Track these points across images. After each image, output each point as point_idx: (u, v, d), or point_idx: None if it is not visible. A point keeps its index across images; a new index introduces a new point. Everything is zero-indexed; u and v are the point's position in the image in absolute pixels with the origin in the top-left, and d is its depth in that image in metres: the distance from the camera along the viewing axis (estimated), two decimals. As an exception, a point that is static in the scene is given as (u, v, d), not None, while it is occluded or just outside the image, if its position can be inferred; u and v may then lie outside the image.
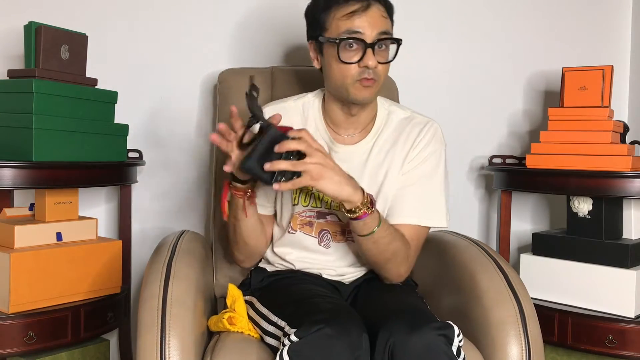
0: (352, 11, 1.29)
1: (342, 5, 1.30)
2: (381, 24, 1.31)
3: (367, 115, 1.43)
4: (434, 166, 1.42)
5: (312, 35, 1.38)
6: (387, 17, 1.33)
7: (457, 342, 1.16)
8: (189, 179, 2.08)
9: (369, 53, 1.29)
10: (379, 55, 1.31)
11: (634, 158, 1.76)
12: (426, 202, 1.40)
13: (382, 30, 1.30)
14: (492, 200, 2.21)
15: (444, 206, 1.42)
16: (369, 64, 1.29)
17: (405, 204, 1.39)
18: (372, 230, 1.27)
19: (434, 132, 1.44)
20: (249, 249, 1.45)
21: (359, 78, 1.31)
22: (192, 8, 2.04)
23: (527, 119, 2.20)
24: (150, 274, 1.31)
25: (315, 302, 1.23)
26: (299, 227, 1.43)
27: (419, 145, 1.42)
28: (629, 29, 2.23)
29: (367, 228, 1.27)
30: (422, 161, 1.41)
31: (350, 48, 1.30)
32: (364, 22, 1.29)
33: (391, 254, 1.34)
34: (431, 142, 1.42)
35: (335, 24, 1.31)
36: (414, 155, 1.41)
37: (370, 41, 1.29)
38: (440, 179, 1.42)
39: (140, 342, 1.19)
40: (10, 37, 1.94)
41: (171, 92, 2.05)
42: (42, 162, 1.61)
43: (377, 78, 1.33)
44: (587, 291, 1.79)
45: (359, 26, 1.29)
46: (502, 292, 1.36)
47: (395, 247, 1.33)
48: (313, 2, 1.38)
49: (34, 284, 1.62)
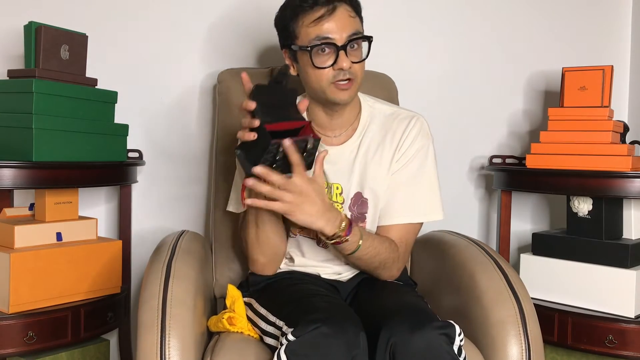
0: (318, 17, 1.30)
1: (309, 12, 1.30)
2: (350, 25, 1.31)
3: (350, 113, 1.44)
4: (422, 162, 1.42)
5: (284, 44, 1.39)
6: (354, 16, 1.34)
7: (458, 342, 1.16)
8: (189, 178, 2.08)
9: (341, 55, 1.30)
10: (352, 56, 1.32)
11: (634, 158, 1.76)
12: (417, 200, 1.41)
13: (352, 32, 1.31)
14: (492, 200, 2.21)
15: (438, 199, 1.43)
16: (343, 66, 1.30)
17: (395, 204, 1.41)
18: (353, 250, 1.31)
19: (420, 127, 1.44)
20: (273, 246, 1.39)
21: (334, 80, 1.33)
22: (192, 8, 2.04)
23: (527, 119, 2.20)
24: (150, 274, 1.31)
25: (312, 302, 1.24)
26: (298, 231, 1.44)
27: (405, 143, 1.42)
28: (629, 29, 2.23)
29: (348, 249, 1.31)
30: (409, 159, 1.42)
31: (322, 53, 1.31)
32: (332, 25, 1.30)
33: (379, 264, 1.37)
34: (417, 138, 1.43)
35: (305, 31, 1.32)
36: (400, 154, 1.42)
37: (341, 44, 1.30)
38: (430, 173, 1.43)
39: (140, 342, 1.19)
40: (10, 37, 1.94)
41: (171, 92, 2.05)
42: (42, 162, 1.61)
43: (354, 77, 1.34)
44: (587, 291, 1.79)
45: (327, 31, 1.30)
46: (502, 291, 1.36)
47: (382, 258, 1.37)
48: (281, 11, 1.38)
49: (34, 284, 1.62)
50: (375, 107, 1.48)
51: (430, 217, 1.42)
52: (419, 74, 2.13)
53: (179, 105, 2.06)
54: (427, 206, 1.42)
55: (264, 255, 1.40)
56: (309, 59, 1.32)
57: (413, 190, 1.41)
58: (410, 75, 2.07)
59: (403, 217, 1.41)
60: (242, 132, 1.17)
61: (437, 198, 1.43)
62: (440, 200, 1.44)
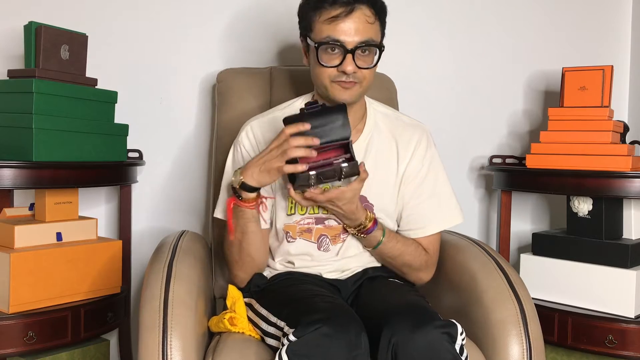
0: (334, 16, 1.28)
1: (327, 9, 1.29)
2: (364, 31, 1.29)
3: (354, 115, 1.42)
4: (436, 172, 1.47)
5: (301, 32, 1.39)
6: (373, 22, 1.31)
7: (460, 341, 1.16)
8: (188, 178, 2.08)
9: (348, 59, 1.29)
10: (360, 60, 1.31)
11: (634, 158, 1.76)
12: (440, 210, 1.46)
13: (364, 38, 1.29)
14: (492, 200, 2.21)
15: (456, 203, 1.49)
16: (346, 69, 1.30)
17: (420, 219, 1.46)
18: (374, 246, 1.40)
19: (427, 140, 1.48)
20: (254, 265, 1.43)
21: (336, 80, 1.32)
22: (192, 8, 2.04)
23: (527, 119, 2.20)
24: (151, 275, 1.31)
25: (313, 302, 1.23)
26: (299, 235, 1.43)
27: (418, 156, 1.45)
28: (629, 29, 2.23)
29: (369, 244, 1.40)
30: (425, 175, 1.45)
31: (331, 52, 1.31)
32: (345, 28, 1.28)
33: (407, 260, 1.42)
34: (427, 150, 1.47)
35: (319, 27, 1.31)
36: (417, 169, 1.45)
37: (351, 47, 1.29)
38: (444, 179, 1.48)
39: (142, 343, 1.19)
40: (10, 37, 1.94)
41: (171, 92, 2.05)
42: (42, 162, 1.60)
43: (359, 81, 1.33)
44: (587, 291, 1.80)
45: (340, 32, 1.29)
46: (503, 291, 1.36)
47: (405, 260, 1.42)
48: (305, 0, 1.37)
49: (34, 284, 1.61)
50: (379, 111, 1.49)
51: (453, 221, 1.48)
52: (418, 74, 2.13)
53: (178, 105, 2.06)
54: (451, 213, 1.48)
55: (245, 273, 1.44)
56: (316, 55, 1.32)
57: (435, 201, 1.46)
58: (410, 75, 2.07)
59: (430, 229, 1.46)
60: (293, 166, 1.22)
61: (455, 202, 1.49)
62: (458, 203, 1.49)
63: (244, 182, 1.27)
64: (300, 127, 1.21)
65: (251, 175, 1.27)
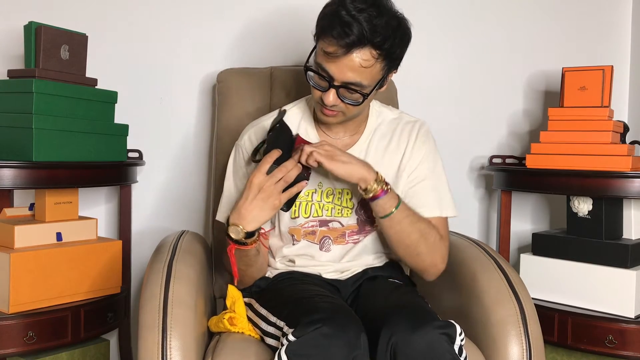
0: (332, 51, 1.24)
1: (329, 40, 1.24)
2: (354, 73, 1.24)
3: (353, 122, 1.43)
4: (434, 163, 1.45)
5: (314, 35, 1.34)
6: (370, 65, 1.24)
7: (459, 341, 1.16)
8: (188, 178, 2.08)
9: (331, 92, 1.27)
10: (346, 96, 1.29)
11: (634, 158, 1.76)
12: (439, 194, 1.43)
13: (351, 82, 1.25)
14: (492, 200, 2.21)
15: (451, 197, 1.46)
16: (326, 100, 1.28)
17: (422, 198, 1.41)
18: (391, 210, 1.30)
19: (425, 132, 1.47)
20: (257, 277, 1.45)
21: (321, 102, 1.31)
22: (192, 8, 2.04)
23: (527, 119, 2.20)
24: (151, 275, 1.31)
25: (313, 302, 1.23)
26: (303, 237, 1.44)
27: (415, 147, 1.44)
28: (629, 29, 2.23)
29: (387, 207, 1.30)
30: (421, 161, 1.43)
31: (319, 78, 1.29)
32: (337, 67, 1.24)
33: (419, 235, 1.34)
34: (425, 142, 1.45)
35: (319, 49, 1.28)
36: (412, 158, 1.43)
37: (336, 83, 1.26)
38: (441, 172, 1.46)
39: (141, 343, 1.19)
40: (10, 37, 1.94)
41: (171, 92, 2.06)
42: (42, 162, 1.61)
43: (342, 111, 1.32)
44: (587, 291, 1.80)
45: (330, 67, 1.25)
46: (503, 291, 1.36)
47: (421, 228, 1.34)
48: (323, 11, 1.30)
49: (34, 284, 1.61)
50: (381, 112, 1.49)
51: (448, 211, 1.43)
52: (419, 74, 2.13)
53: (178, 105, 2.06)
54: (447, 203, 1.43)
55: (243, 285, 1.44)
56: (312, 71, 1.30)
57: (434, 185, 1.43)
58: (410, 75, 2.06)
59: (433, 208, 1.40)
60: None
61: (451, 196, 1.45)
62: (452, 198, 1.45)
63: (247, 231, 1.25)
64: (274, 156, 1.25)
65: (249, 222, 1.25)
